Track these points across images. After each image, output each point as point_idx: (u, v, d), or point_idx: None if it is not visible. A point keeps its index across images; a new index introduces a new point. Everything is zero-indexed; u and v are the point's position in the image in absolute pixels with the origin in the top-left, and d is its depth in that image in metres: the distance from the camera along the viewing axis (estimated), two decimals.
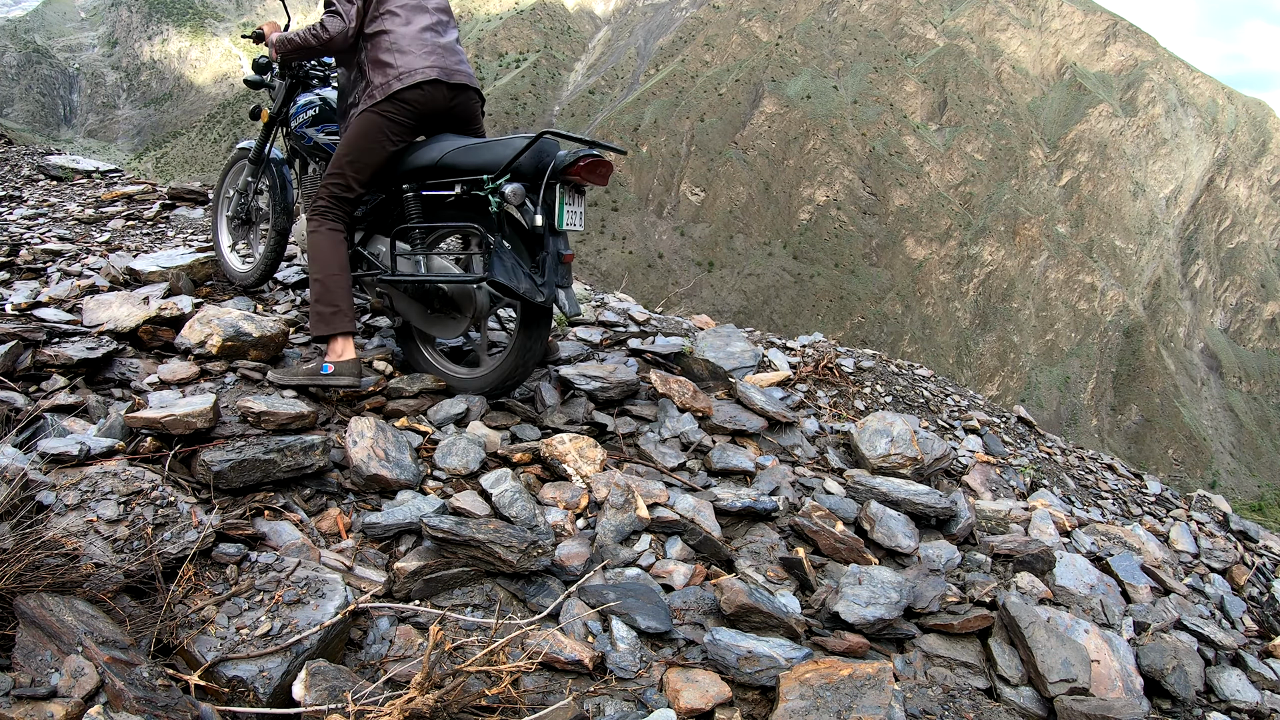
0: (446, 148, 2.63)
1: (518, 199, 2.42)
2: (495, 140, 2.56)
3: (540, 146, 2.45)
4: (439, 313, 2.82)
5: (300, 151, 3.23)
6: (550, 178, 2.42)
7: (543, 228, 2.43)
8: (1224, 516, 3.97)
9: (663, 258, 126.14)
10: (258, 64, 3.37)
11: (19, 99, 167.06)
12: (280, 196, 3.29)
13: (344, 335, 2.66)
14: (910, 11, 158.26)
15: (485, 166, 2.51)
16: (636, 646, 1.83)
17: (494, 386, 2.74)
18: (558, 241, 2.51)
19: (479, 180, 2.52)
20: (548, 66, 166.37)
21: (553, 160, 2.43)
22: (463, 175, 2.57)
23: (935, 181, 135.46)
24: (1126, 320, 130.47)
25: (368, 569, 1.93)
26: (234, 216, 3.52)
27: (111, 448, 1.96)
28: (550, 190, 2.44)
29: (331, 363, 2.58)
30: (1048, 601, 2.47)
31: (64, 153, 6.35)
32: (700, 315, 4.74)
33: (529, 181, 2.46)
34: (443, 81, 2.69)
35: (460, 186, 2.58)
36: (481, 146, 2.57)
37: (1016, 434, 4.30)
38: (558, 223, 2.46)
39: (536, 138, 2.44)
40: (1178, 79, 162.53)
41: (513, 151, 2.44)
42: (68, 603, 1.41)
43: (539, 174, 2.44)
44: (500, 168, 2.46)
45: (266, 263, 3.33)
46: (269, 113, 3.27)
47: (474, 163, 2.55)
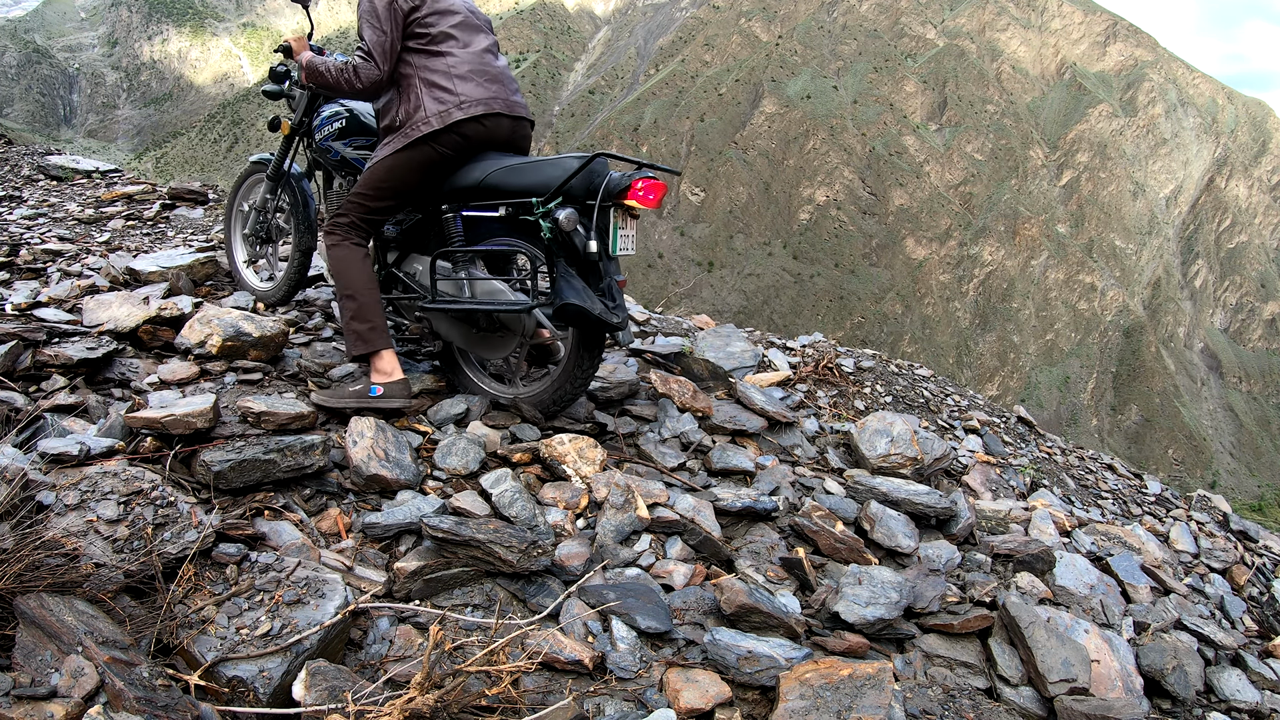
0: (490, 168, 2.53)
1: (571, 224, 2.33)
2: (543, 160, 2.46)
3: (593, 168, 2.37)
4: (485, 333, 2.71)
5: (324, 165, 3.11)
6: (603, 200, 2.34)
7: (597, 254, 2.35)
8: (1224, 516, 3.97)
9: (663, 258, 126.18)
10: (275, 72, 3.23)
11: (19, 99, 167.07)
12: (303, 214, 3.18)
13: (387, 351, 2.57)
14: (910, 11, 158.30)
15: (533, 189, 2.42)
16: (636, 646, 1.83)
17: (547, 405, 2.67)
18: (610, 267, 2.42)
19: (527, 203, 2.43)
20: (548, 66, 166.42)
21: (604, 182, 2.35)
22: (509, 197, 2.48)
23: (935, 181, 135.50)
24: (1126, 320, 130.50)
25: (368, 569, 1.93)
26: (252, 234, 3.39)
27: (111, 448, 1.96)
28: (604, 214, 2.36)
29: (380, 384, 2.50)
30: (1048, 601, 2.47)
31: (64, 153, 6.35)
32: (700, 315, 4.74)
33: (579, 204, 2.39)
34: (504, 115, 2.58)
35: (505, 208, 2.48)
36: (528, 167, 2.47)
37: (1016, 434, 4.31)
38: (611, 248, 2.38)
39: (590, 159, 2.36)
40: (1178, 79, 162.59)
41: (564, 173, 2.36)
42: (68, 603, 1.41)
43: (590, 195, 2.36)
44: (550, 190, 2.37)
45: (291, 282, 3.24)
46: (290, 124, 3.13)
47: (521, 184, 2.46)
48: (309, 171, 3.27)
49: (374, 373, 2.56)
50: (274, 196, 3.31)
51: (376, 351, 2.56)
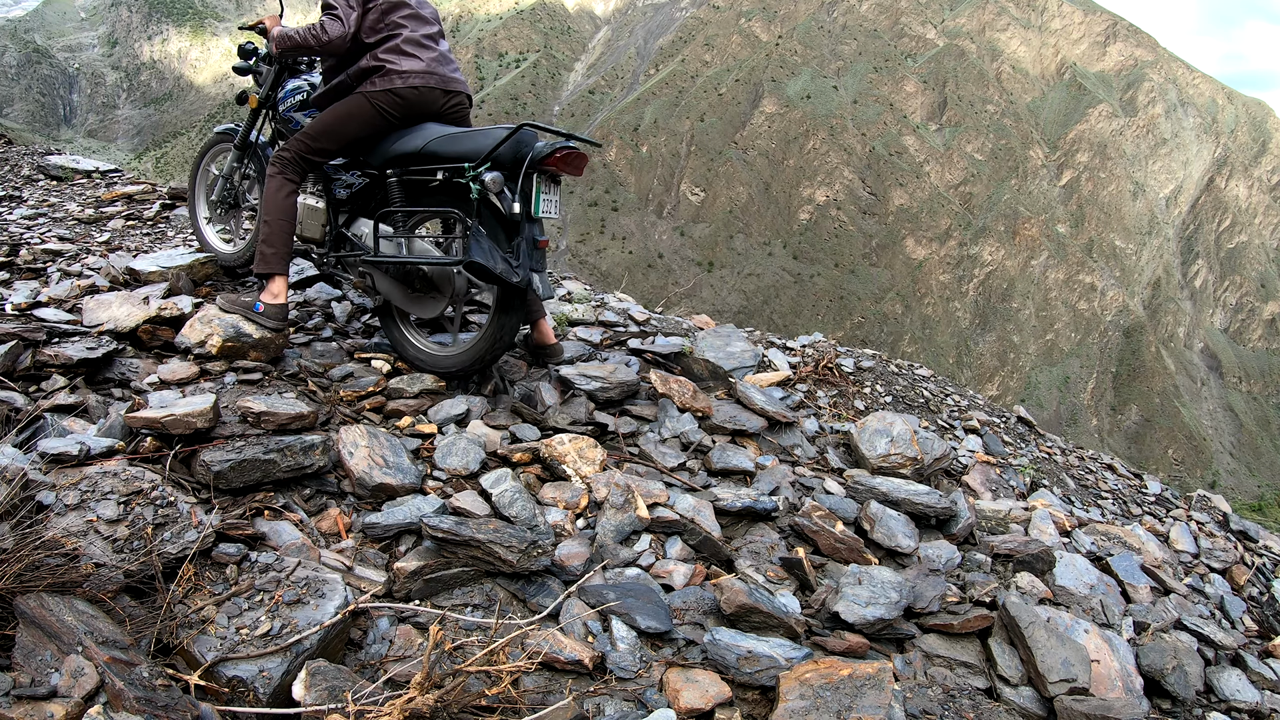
0: (429, 135, 2.74)
1: (496, 186, 2.54)
2: (477, 130, 2.68)
3: (519, 137, 2.56)
4: (419, 292, 2.94)
5: (286, 135, 3.30)
6: (528, 167, 2.54)
7: (520, 214, 2.56)
8: (1224, 516, 3.97)
9: (663, 258, 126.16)
10: (244, 50, 3.43)
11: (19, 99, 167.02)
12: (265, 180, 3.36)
13: (280, 277, 2.89)
14: (910, 11, 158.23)
15: (466, 155, 2.63)
16: (636, 646, 1.83)
17: (466, 365, 2.84)
18: (533, 228, 2.64)
19: (460, 168, 2.63)
20: (548, 66, 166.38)
21: (531, 151, 2.55)
22: (445, 163, 2.69)
23: (935, 181, 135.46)
24: (1126, 320, 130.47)
25: (368, 569, 1.93)
26: (219, 200, 3.60)
27: (111, 448, 1.96)
28: (528, 179, 2.56)
29: (264, 303, 2.81)
30: (1048, 601, 2.47)
31: (64, 153, 6.35)
32: (700, 315, 4.74)
33: (508, 170, 2.57)
34: (438, 88, 2.86)
35: (442, 173, 2.70)
36: (463, 135, 2.68)
37: (1016, 434, 4.30)
38: (534, 210, 2.59)
39: (516, 129, 2.56)
40: (1178, 79, 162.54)
41: (493, 141, 2.56)
42: (68, 603, 1.41)
43: (517, 164, 2.56)
44: (481, 156, 2.57)
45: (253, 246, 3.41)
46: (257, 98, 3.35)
47: (456, 151, 2.66)
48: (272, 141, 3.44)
49: (265, 293, 2.86)
50: (240, 165, 3.51)
51: (273, 275, 2.88)
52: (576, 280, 4.90)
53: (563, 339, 3.51)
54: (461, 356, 2.85)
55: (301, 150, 2.90)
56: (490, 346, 2.78)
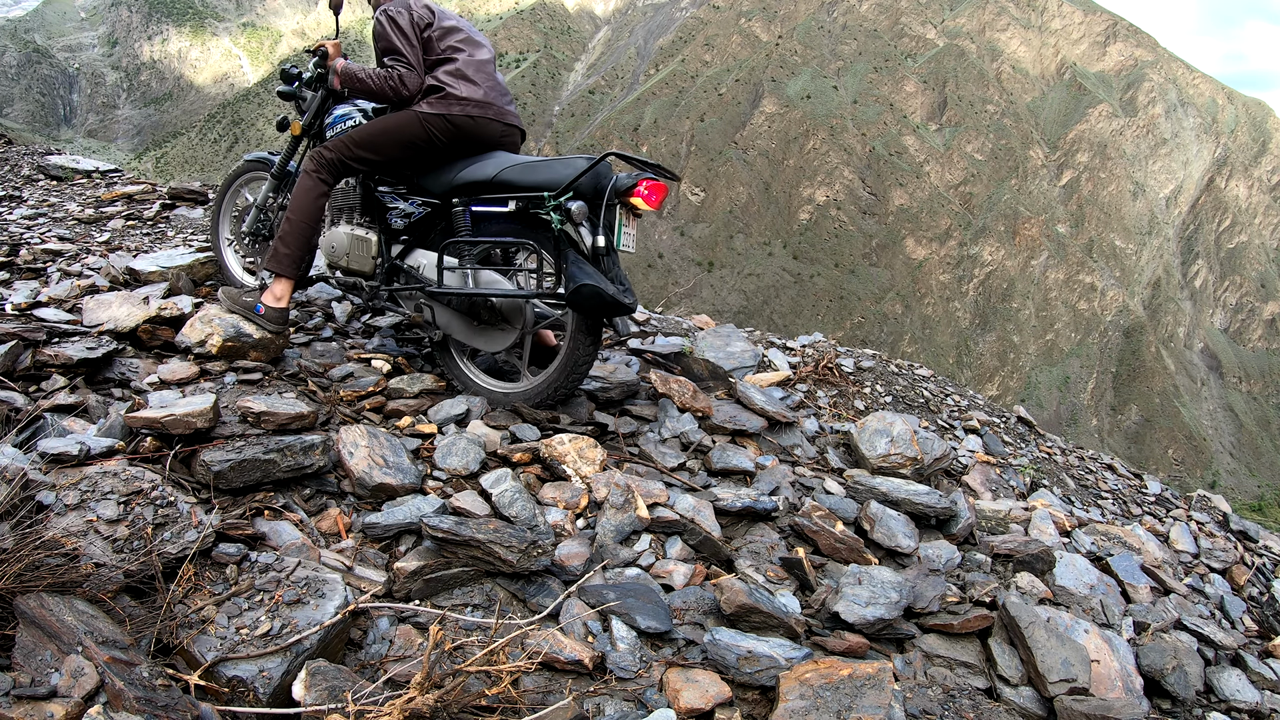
0: (502, 163, 2.66)
1: (581, 216, 2.47)
2: (554, 159, 2.60)
3: (599, 169, 2.50)
4: (486, 325, 2.81)
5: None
6: (610, 198, 2.48)
7: (602, 248, 2.48)
8: (1224, 516, 3.97)
9: (663, 258, 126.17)
10: (287, 74, 3.29)
11: (19, 99, 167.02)
12: None
13: (287, 280, 2.84)
14: (910, 11, 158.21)
15: (544, 185, 2.54)
16: (636, 646, 1.83)
17: (544, 398, 2.74)
18: (611, 261, 2.55)
19: (538, 197, 2.54)
20: (548, 66, 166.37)
21: (611, 182, 2.49)
22: (520, 192, 2.59)
23: (935, 181, 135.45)
24: (1126, 320, 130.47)
25: (368, 569, 1.93)
26: (250, 231, 3.40)
27: (111, 448, 1.96)
28: (610, 211, 2.50)
29: (266, 305, 2.77)
30: (1048, 601, 2.47)
31: (64, 153, 6.35)
32: (700, 315, 4.74)
33: (588, 200, 2.51)
34: (495, 120, 2.80)
35: (516, 203, 2.60)
36: (540, 165, 2.60)
37: (1016, 434, 4.31)
38: (616, 242, 2.52)
39: (601, 158, 2.50)
40: (1178, 79, 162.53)
41: (574, 171, 2.49)
42: (68, 603, 1.41)
43: (598, 195, 2.49)
44: (560, 186, 2.50)
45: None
46: (300, 125, 3.18)
47: (533, 180, 2.58)
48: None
49: (267, 293, 2.82)
50: (277, 195, 3.34)
51: (280, 276, 2.83)
52: None
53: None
54: (537, 390, 2.75)
55: (343, 154, 2.81)
56: (567, 378, 2.69)
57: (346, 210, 3.07)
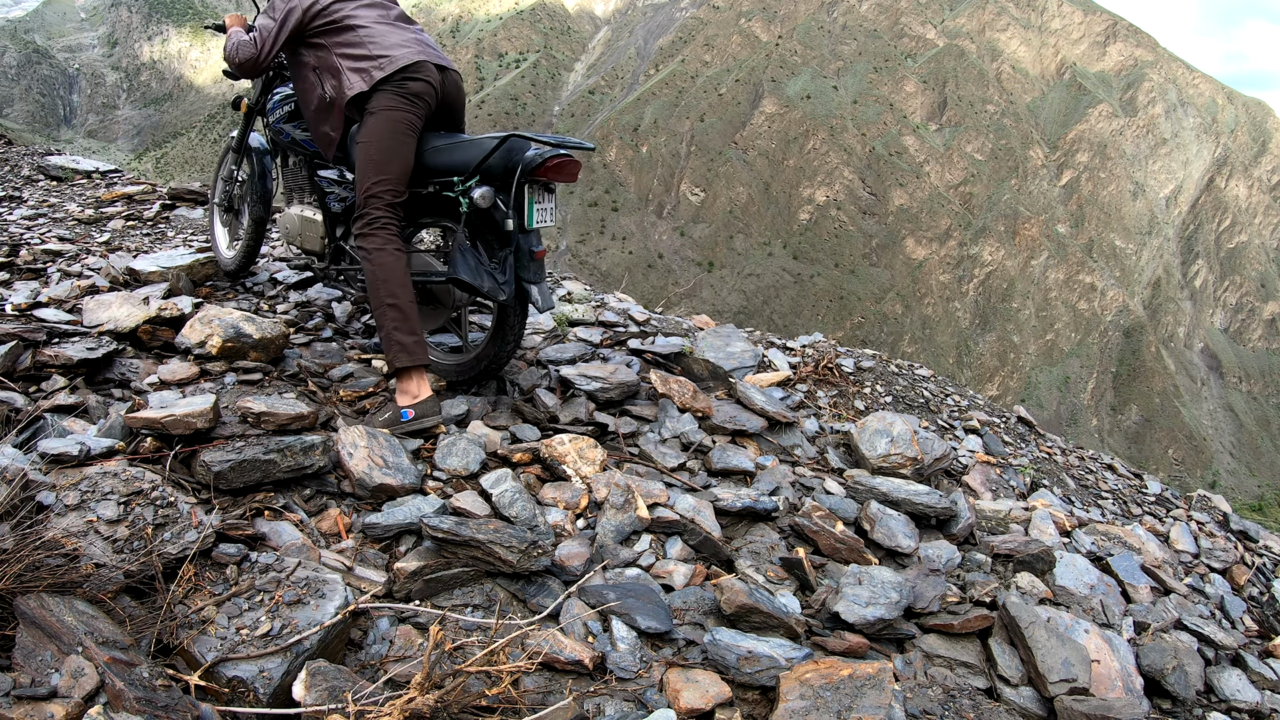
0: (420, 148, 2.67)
1: (486, 202, 2.49)
2: (466, 141, 2.61)
3: (509, 147, 2.49)
4: (420, 305, 2.86)
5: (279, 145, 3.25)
6: (520, 178, 2.47)
7: (514, 229, 2.51)
8: (1224, 516, 3.97)
9: (663, 258, 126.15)
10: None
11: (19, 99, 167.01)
12: (258, 185, 3.33)
13: (419, 369, 2.51)
14: (910, 11, 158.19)
15: (456, 167, 2.56)
16: (636, 646, 1.83)
17: (472, 373, 2.84)
18: (529, 239, 2.58)
19: (449, 181, 2.57)
20: (548, 67, 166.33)
21: (521, 160, 2.47)
22: (435, 175, 2.62)
23: (935, 181, 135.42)
24: (1126, 320, 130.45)
25: (368, 569, 1.93)
26: (221, 204, 3.58)
27: (111, 448, 1.96)
28: (520, 190, 2.50)
29: (410, 406, 2.45)
30: (1048, 601, 2.47)
31: (64, 153, 6.35)
32: (700, 315, 4.74)
33: (499, 181, 2.51)
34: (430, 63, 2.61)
35: (433, 186, 2.63)
36: (453, 147, 2.60)
37: (1016, 434, 4.30)
38: (528, 222, 2.53)
39: (503, 140, 2.47)
40: (1178, 79, 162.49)
41: (481, 153, 2.49)
42: (68, 603, 1.41)
43: (509, 173, 2.49)
44: (469, 169, 2.51)
45: (244, 252, 3.42)
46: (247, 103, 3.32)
47: (445, 163, 2.59)
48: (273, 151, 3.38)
49: (400, 394, 2.49)
50: (237, 168, 3.47)
51: (404, 371, 2.49)
52: (576, 280, 4.90)
53: (563, 340, 3.51)
54: (465, 365, 2.85)
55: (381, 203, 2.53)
56: (494, 356, 2.76)
57: (297, 190, 3.21)
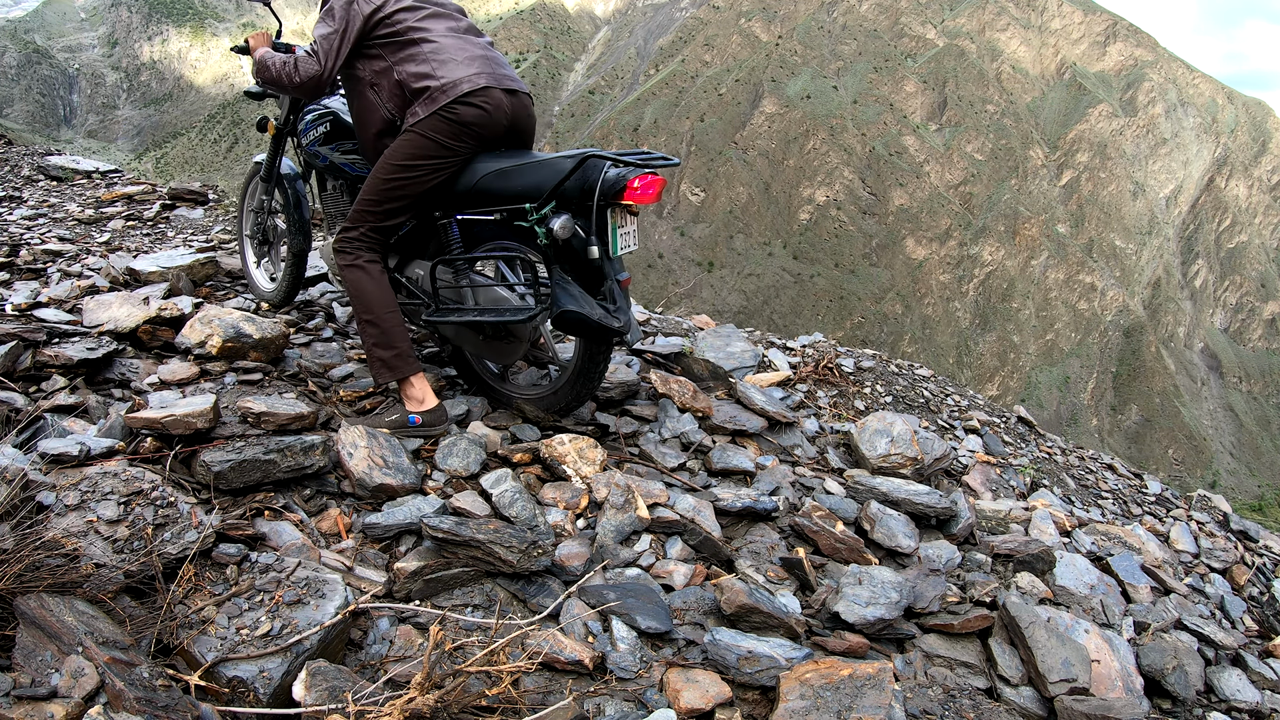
0: (481, 171, 2.42)
1: (566, 232, 2.24)
2: (536, 162, 2.34)
3: (586, 168, 2.25)
4: (492, 339, 2.64)
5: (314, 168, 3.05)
6: (600, 201, 2.24)
7: (599, 258, 2.28)
8: (1224, 516, 3.97)
9: (663, 258, 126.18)
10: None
11: (19, 99, 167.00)
12: (295, 215, 3.12)
13: (417, 376, 2.45)
14: (910, 11, 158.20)
15: (525, 193, 2.31)
16: (636, 646, 1.83)
17: (554, 409, 2.69)
18: (614, 267, 2.35)
19: (519, 209, 2.33)
20: (548, 66, 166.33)
21: (600, 182, 2.23)
22: (502, 202, 2.38)
23: (935, 181, 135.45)
24: (1126, 320, 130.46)
25: (368, 569, 1.93)
26: (253, 236, 3.37)
27: (111, 448, 1.96)
28: (601, 214, 2.27)
29: (417, 413, 2.42)
30: (1048, 601, 2.47)
31: (64, 153, 6.35)
32: (700, 315, 4.74)
33: (575, 204, 2.28)
34: (495, 88, 2.39)
35: (501, 213, 2.39)
36: (519, 170, 2.35)
37: (1016, 434, 4.30)
38: (612, 250, 2.30)
39: (581, 161, 2.23)
40: (1178, 79, 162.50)
41: (556, 177, 2.24)
42: (68, 603, 1.41)
43: (586, 196, 2.26)
44: (543, 195, 2.26)
45: (289, 283, 3.21)
46: (275, 125, 3.08)
47: (513, 189, 2.34)
48: (304, 173, 3.18)
49: (407, 400, 2.45)
50: (269, 198, 3.26)
51: (406, 378, 2.46)
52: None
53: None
54: (554, 399, 2.67)
55: (370, 226, 2.44)
56: (580, 390, 2.60)
57: (338, 217, 2.96)
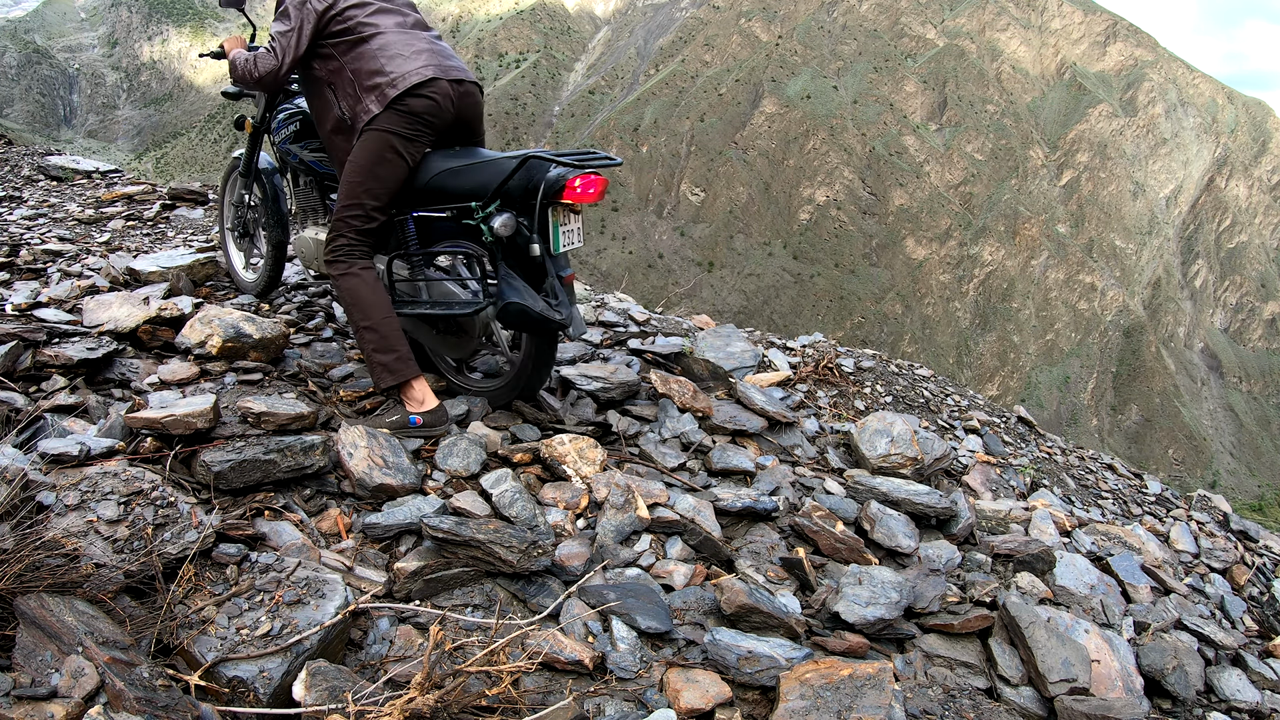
0: (434, 169, 2.52)
1: (507, 230, 2.35)
2: (483, 162, 2.45)
3: (528, 168, 2.35)
4: (445, 333, 2.78)
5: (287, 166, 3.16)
6: (542, 200, 2.33)
7: (540, 255, 2.36)
8: (1224, 516, 3.97)
9: (663, 258, 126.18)
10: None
11: (19, 99, 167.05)
12: (273, 208, 3.23)
13: (416, 380, 2.50)
14: (910, 11, 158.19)
15: (472, 192, 2.42)
16: (637, 646, 1.83)
17: (505, 400, 2.77)
18: (557, 264, 2.45)
19: (467, 207, 2.43)
20: (548, 67, 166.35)
21: (543, 182, 2.32)
22: (451, 201, 2.48)
23: (935, 181, 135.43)
24: (1126, 320, 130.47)
25: (368, 569, 1.93)
26: (234, 229, 3.47)
27: (111, 448, 1.96)
28: (544, 213, 2.37)
29: (418, 414, 2.46)
30: (1048, 601, 2.47)
31: (64, 153, 6.35)
32: (700, 315, 4.74)
33: (519, 203, 2.38)
34: (442, 79, 2.47)
35: (451, 211, 2.49)
36: (468, 170, 2.46)
37: (1016, 434, 4.31)
38: (554, 247, 2.40)
39: (521, 163, 2.32)
40: (1178, 79, 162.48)
41: (499, 176, 2.34)
42: (68, 603, 1.41)
43: (530, 195, 2.35)
44: (487, 194, 2.37)
45: (268, 276, 3.35)
46: (252, 123, 3.18)
47: (463, 188, 2.45)
48: (281, 169, 3.28)
49: (408, 401, 2.49)
50: (248, 192, 3.38)
51: (406, 382, 2.49)
52: (576, 281, 4.90)
53: (562, 341, 3.51)
54: (506, 392, 2.76)
55: (353, 230, 2.48)
56: (526, 382, 2.69)
57: (310, 211, 3.09)
